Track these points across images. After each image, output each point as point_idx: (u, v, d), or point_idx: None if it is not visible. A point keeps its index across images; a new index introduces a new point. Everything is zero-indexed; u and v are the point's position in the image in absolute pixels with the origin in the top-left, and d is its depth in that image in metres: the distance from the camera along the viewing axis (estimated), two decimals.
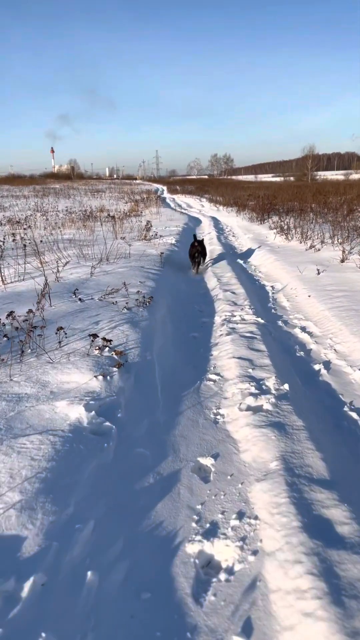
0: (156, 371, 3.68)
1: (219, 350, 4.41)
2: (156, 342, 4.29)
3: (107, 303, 5.19)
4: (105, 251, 8.76)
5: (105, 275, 6.97)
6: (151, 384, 3.45)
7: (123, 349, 3.80)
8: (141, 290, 5.94)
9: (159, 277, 6.98)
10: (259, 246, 11.04)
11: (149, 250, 9.70)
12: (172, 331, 4.98)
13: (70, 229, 13.60)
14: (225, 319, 5.40)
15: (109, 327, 4.28)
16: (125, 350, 3.76)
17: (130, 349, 3.82)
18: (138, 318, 4.63)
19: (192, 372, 3.95)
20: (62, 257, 8.55)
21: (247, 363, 3.87)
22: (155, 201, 24.13)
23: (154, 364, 3.76)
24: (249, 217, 17.46)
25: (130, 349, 3.82)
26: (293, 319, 5.67)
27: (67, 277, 6.78)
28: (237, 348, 4.24)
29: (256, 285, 7.70)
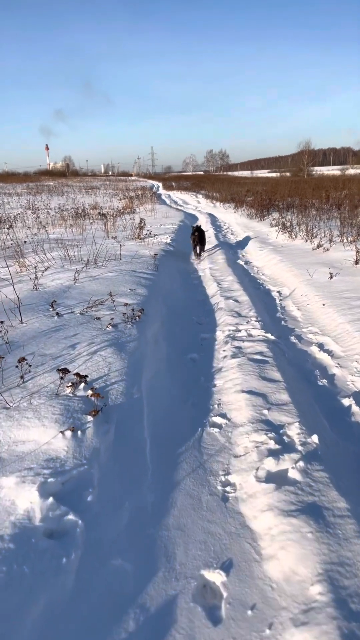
0: (145, 415, 2.87)
1: (223, 379, 3.61)
2: (146, 370, 3.48)
3: (89, 318, 4.38)
4: (95, 253, 7.94)
5: (92, 281, 6.16)
6: (137, 437, 2.64)
7: (104, 383, 2.99)
8: (130, 300, 5.13)
9: (152, 283, 6.18)
10: (260, 245, 10.24)
11: (142, 250, 8.88)
12: (167, 353, 4.17)
13: (59, 227, 12.77)
14: (228, 334, 4.60)
15: (87, 351, 3.47)
16: (106, 387, 2.96)
17: (113, 383, 3.01)
18: (125, 338, 3.82)
19: (191, 412, 3.14)
20: (45, 260, 7.74)
21: (261, 400, 3.07)
22: (150, 198, 23.29)
23: (142, 404, 2.95)
24: (247, 213, 16.64)
25: (113, 383, 3.01)
26: (307, 333, 4.87)
27: (48, 285, 5.96)
28: (245, 377, 3.44)
29: (261, 291, 6.90)
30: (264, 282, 7.47)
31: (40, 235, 10.96)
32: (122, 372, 3.18)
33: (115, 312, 4.60)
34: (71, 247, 8.88)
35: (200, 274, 8.36)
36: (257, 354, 3.97)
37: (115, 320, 4.29)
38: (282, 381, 3.37)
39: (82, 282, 6.10)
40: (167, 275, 7.27)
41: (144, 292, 5.65)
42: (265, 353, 3.97)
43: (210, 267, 8.52)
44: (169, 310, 5.65)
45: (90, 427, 2.44)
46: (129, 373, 3.20)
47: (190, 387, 3.56)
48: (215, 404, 3.22)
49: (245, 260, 9.46)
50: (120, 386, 2.99)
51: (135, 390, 3.01)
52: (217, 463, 2.54)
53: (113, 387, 2.96)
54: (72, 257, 7.93)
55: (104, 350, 3.49)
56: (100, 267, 7.12)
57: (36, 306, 4.80)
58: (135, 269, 7.04)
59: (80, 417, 2.54)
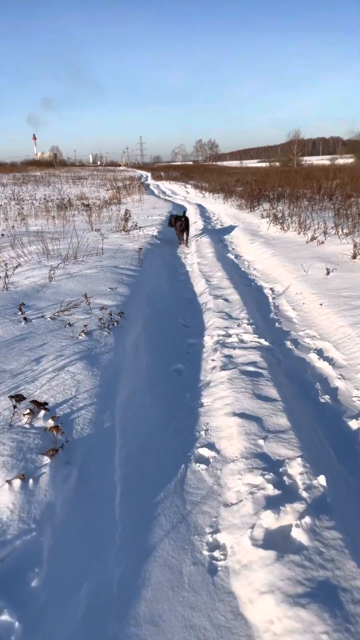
0: (117, 450, 2.40)
1: (211, 396, 3.14)
2: (123, 387, 3.01)
3: (61, 324, 3.89)
4: (75, 247, 7.41)
5: (69, 279, 5.65)
6: (106, 482, 2.17)
7: (69, 409, 2.52)
8: (110, 302, 4.65)
9: (135, 281, 5.69)
10: (251, 238, 9.76)
11: (127, 244, 8.37)
12: (148, 364, 3.69)
13: (42, 219, 12.18)
14: (218, 340, 4.14)
15: (54, 367, 2.99)
16: (72, 413, 2.48)
17: (80, 409, 2.53)
18: (99, 349, 3.34)
19: (173, 442, 2.67)
20: (21, 255, 7.20)
21: (255, 425, 2.61)
22: (138, 188, 22.67)
23: (114, 434, 2.48)
24: (237, 204, 16.13)
25: (80, 409, 2.53)
26: (304, 337, 4.42)
27: (20, 283, 5.45)
28: (237, 395, 2.98)
29: (252, 288, 6.44)
30: (255, 278, 7.01)
31: (21, 227, 10.38)
32: (93, 392, 2.71)
33: (92, 316, 4.11)
34: (51, 241, 8.34)
35: (188, 269, 7.88)
36: (250, 364, 3.51)
37: (90, 326, 3.80)
38: (279, 400, 2.91)
39: (58, 280, 5.59)
40: (152, 271, 6.79)
41: (125, 291, 5.16)
42: (259, 363, 3.51)
43: (198, 261, 8.04)
44: (153, 311, 5.17)
45: (46, 472, 1.97)
46: (100, 394, 2.72)
47: (174, 407, 3.09)
48: (202, 430, 2.76)
49: (236, 254, 8.99)
50: (88, 412, 2.52)
51: (106, 417, 2.54)
52: (203, 515, 2.08)
53: (80, 414, 2.48)
54: (50, 252, 7.41)
55: (73, 365, 3.01)
56: (80, 263, 6.61)
57: (2, 309, 4.29)
58: (118, 264, 6.55)
59: (35, 458, 2.06)
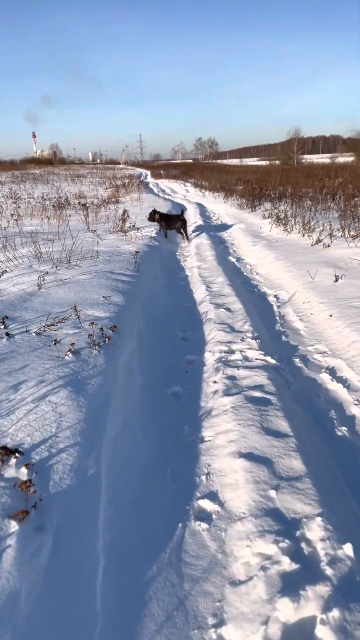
0: (101, 509, 2.02)
1: (214, 429, 2.77)
2: (112, 419, 2.64)
3: (47, 341, 3.52)
4: (69, 249, 7.04)
5: (60, 286, 5.28)
6: (86, 555, 1.79)
7: (47, 452, 2.15)
8: (102, 313, 4.28)
9: (131, 288, 5.32)
10: (253, 240, 9.38)
11: (124, 246, 8.00)
12: (142, 386, 3.32)
13: (38, 219, 11.79)
14: (219, 357, 3.77)
15: (34, 396, 2.62)
16: (50, 458, 2.11)
17: (60, 451, 2.16)
18: (87, 372, 2.97)
19: (169, 490, 2.29)
20: (12, 258, 6.83)
21: (265, 470, 2.25)
22: (137, 187, 22.27)
23: (99, 486, 2.11)
24: (238, 203, 15.75)
25: (60, 451, 2.16)
26: (314, 352, 4.06)
27: (7, 291, 5.07)
28: (243, 430, 2.61)
29: (255, 295, 6.07)
30: (258, 284, 6.64)
31: (15, 228, 9.99)
32: (77, 429, 2.34)
33: (81, 330, 3.74)
34: (45, 242, 7.97)
35: (187, 273, 7.51)
36: (256, 388, 3.14)
37: (78, 343, 3.43)
38: (291, 435, 2.54)
39: (48, 287, 5.22)
40: (149, 277, 6.42)
41: (120, 300, 4.79)
42: (266, 387, 3.15)
43: (198, 265, 7.66)
44: (149, 322, 4.80)
45: (12, 546, 1.60)
46: (85, 430, 2.35)
47: (171, 444, 2.71)
48: (203, 475, 2.39)
49: (237, 257, 8.61)
50: (70, 455, 2.15)
51: (91, 461, 2.17)
52: (205, 598, 1.70)
53: (59, 459, 2.11)
54: (43, 255, 7.04)
55: (55, 394, 2.64)
56: (73, 268, 6.24)
57: None
58: (113, 269, 6.18)
59: (0, 523, 1.70)
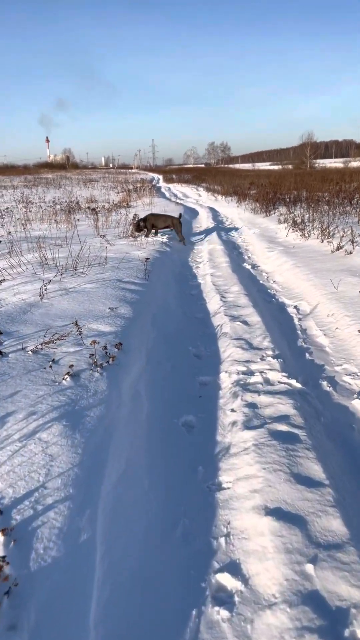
0: (94, 590, 1.60)
1: (233, 472, 2.35)
2: (113, 464, 2.23)
3: (44, 361, 3.14)
4: (76, 256, 6.69)
5: (64, 296, 4.91)
6: None
7: (31, 509, 1.75)
8: (108, 327, 3.89)
9: (140, 298, 4.94)
10: (269, 245, 8.96)
11: (133, 252, 7.64)
12: (149, 416, 2.91)
13: (47, 223, 11.49)
14: (237, 380, 3.35)
15: (21, 433, 2.23)
16: (35, 518, 1.72)
17: (48, 508, 1.77)
18: (86, 400, 2.58)
19: (180, 559, 1.86)
20: (17, 265, 6.49)
21: (298, 534, 1.82)
22: (149, 191, 21.97)
23: (93, 558, 1.69)
24: (251, 208, 15.33)
25: (48, 508, 1.77)
26: (342, 374, 3.62)
27: (8, 301, 4.72)
28: (269, 476, 2.19)
29: (273, 306, 5.64)
30: (276, 293, 6.21)
31: (24, 232, 9.68)
32: (69, 477, 1.94)
33: (83, 348, 3.35)
34: (53, 248, 7.64)
35: (200, 280, 7.11)
36: (281, 419, 2.72)
37: (78, 364, 3.04)
38: (326, 483, 2.12)
39: (51, 297, 4.85)
40: (159, 285, 6.03)
41: (127, 311, 4.41)
42: (292, 418, 2.73)
43: (211, 272, 7.26)
44: (159, 335, 4.40)
45: None
46: (79, 479, 1.95)
47: (182, 492, 2.30)
48: (222, 536, 1.96)
49: (252, 264, 8.19)
50: (59, 515, 1.75)
51: (85, 522, 1.76)
52: None
53: (46, 520, 1.71)
54: (49, 261, 6.70)
55: (47, 430, 2.25)
56: (79, 276, 5.87)
57: None
58: (122, 277, 5.80)
59: None
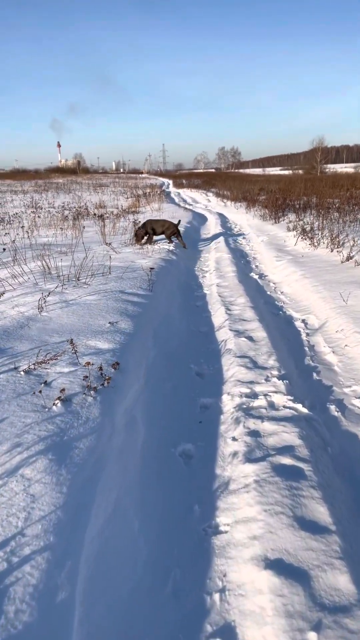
0: None
1: (232, 513, 2.17)
2: (101, 504, 2.06)
3: (36, 382, 2.99)
4: (79, 265, 6.58)
5: (63, 309, 4.77)
6: None
7: (5, 563, 1.59)
8: (106, 344, 3.74)
9: (142, 311, 4.78)
10: (277, 254, 8.77)
11: (139, 260, 7.50)
12: (144, 446, 2.74)
13: (54, 229, 11.41)
14: (240, 403, 3.17)
15: (3, 469, 2.07)
16: (8, 573, 1.55)
17: (24, 561, 1.60)
18: (76, 430, 2.41)
19: (168, 619, 1.67)
20: (20, 274, 6.37)
21: (301, 594, 1.64)
22: (158, 196, 21.88)
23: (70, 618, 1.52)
24: (260, 214, 15.15)
25: (24, 561, 1.60)
26: (352, 396, 3.42)
27: (5, 314, 4.58)
28: (270, 520, 2.00)
29: (280, 319, 5.45)
30: (283, 305, 6.02)
31: (30, 239, 9.59)
32: (51, 522, 1.78)
33: (78, 368, 3.20)
34: (57, 256, 7.53)
35: (205, 291, 6.94)
36: (285, 451, 2.54)
37: (71, 387, 2.88)
38: (332, 530, 1.94)
39: (51, 310, 4.71)
40: (163, 296, 5.87)
41: (128, 326, 4.25)
42: (297, 450, 2.54)
43: (217, 282, 7.09)
44: (160, 353, 4.24)
45: None
46: (62, 524, 1.79)
47: (175, 535, 2.12)
48: (217, 591, 1.78)
49: (260, 273, 8.01)
50: (36, 569, 1.58)
51: (63, 578, 1.60)
52: None
53: (21, 575, 1.55)
54: (52, 270, 6.57)
55: (31, 465, 2.09)
56: (82, 286, 5.74)
57: None
58: (125, 288, 5.66)
59: None
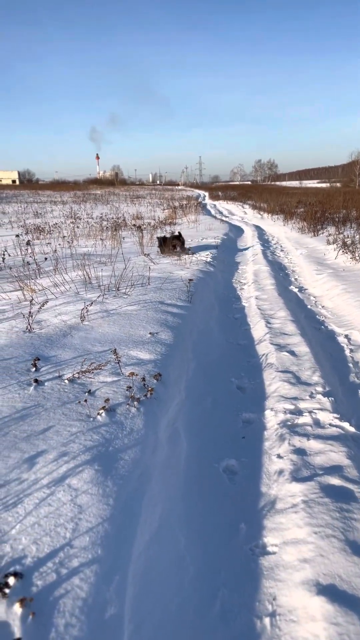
0: None
1: (280, 533, 2.11)
2: (146, 519, 2.04)
3: (80, 391, 3.01)
4: (119, 275, 6.64)
5: (105, 318, 4.82)
6: None
7: (54, 574, 1.58)
8: (147, 354, 3.74)
9: (182, 322, 4.77)
10: (317, 268, 8.63)
11: (177, 271, 7.52)
12: (187, 460, 2.71)
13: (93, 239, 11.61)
14: (284, 420, 3.10)
15: (50, 477, 2.08)
16: (57, 586, 1.54)
17: (73, 573, 1.59)
18: (121, 441, 2.41)
19: None
20: (61, 283, 6.48)
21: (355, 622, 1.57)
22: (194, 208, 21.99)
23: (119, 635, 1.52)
24: (298, 227, 15.01)
25: (73, 573, 1.59)
26: None
27: (49, 322, 4.66)
28: (321, 543, 1.93)
29: (322, 334, 5.34)
30: (325, 320, 5.90)
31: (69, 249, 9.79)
32: (98, 534, 1.77)
33: (120, 378, 3.20)
34: (98, 265, 7.64)
35: (244, 303, 6.88)
36: (333, 471, 2.46)
37: (115, 397, 2.89)
38: None
39: (92, 319, 4.76)
40: (202, 308, 5.85)
41: (168, 337, 4.25)
42: (345, 470, 2.45)
43: (256, 295, 7.02)
44: (200, 365, 4.21)
45: None
46: (109, 537, 1.77)
47: (222, 553, 2.07)
48: (267, 615, 1.71)
49: (299, 287, 7.89)
50: (84, 582, 1.57)
51: (112, 593, 1.57)
52: None
53: (69, 588, 1.54)
54: (92, 280, 6.66)
55: (78, 475, 2.09)
56: (121, 297, 5.78)
57: (15, 363, 3.47)
58: (164, 299, 5.67)
59: None
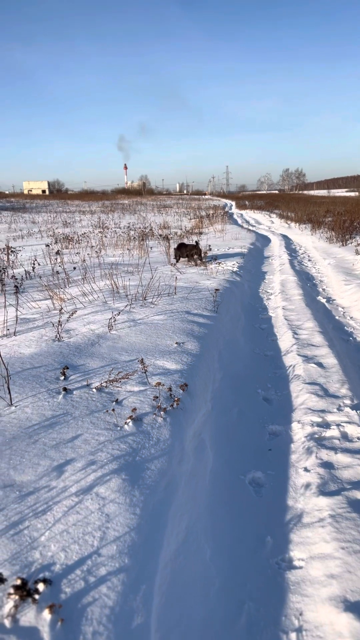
0: None
1: (306, 547, 2.09)
2: (172, 529, 2.04)
3: (108, 400, 3.05)
4: (146, 284, 6.72)
5: (132, 327, 4.87)
6: None
7: (82, 582, 1.60)
8: (174, 364, 3.76)
9: (208, 332, 4.78)
10: (345, 278, 8.52)
11: (203, 281, 7.54)
12: (213, 472, 2.71)
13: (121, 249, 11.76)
14: (311, 433, 3.07)
15: (79, 486, 2.11)
16: (85, 593, 1.56)
17: (100, 581, 1.61)
18: (148, 450, 2.43)
19: None
20: (89, 292, 6.59)
21: None
22: (221, 217, 22.05)
23: None
24: (326, 236, 14.86)
25: (100, 581, 1.61)
26: None
27: (77, 331, 4.73)
28: (348, 559, 1.89)
29: (351, 346, 5.26)
30: (353, 331, 5.81)
31: (97, 258, 9.95)
32: (125, 543, 1.78)
33: (147, 388, 3.23)
34: (125, 275, 7.74)
35: (270, 313, 6.85)
36: None
37: (141, 407, 2.92)
38: None
39: (119, 329, 4.82)
40: (228, 318, 5.85)
41: (194, 347, 4.26)
42: None
43: (283, 305, 6.98)
44: (226, 375, 4.20)
45: None
46: (136, 546, 1.79)
47: (248, 566, 2.06)
48: (293, 630, 1.68)
49: (327, 297, 7.81)
50: (112, 590, 1.58)
51: (139, 602, 1.59)
52: None
53: (97, 596, 1.56)
54: (119, 290, 6.74)
55: (105, 484, 2.12)
56: (148, 306, 5.83)
57: (45, 371, 3.54)
58: (190, 309, 5.69)
59: None
